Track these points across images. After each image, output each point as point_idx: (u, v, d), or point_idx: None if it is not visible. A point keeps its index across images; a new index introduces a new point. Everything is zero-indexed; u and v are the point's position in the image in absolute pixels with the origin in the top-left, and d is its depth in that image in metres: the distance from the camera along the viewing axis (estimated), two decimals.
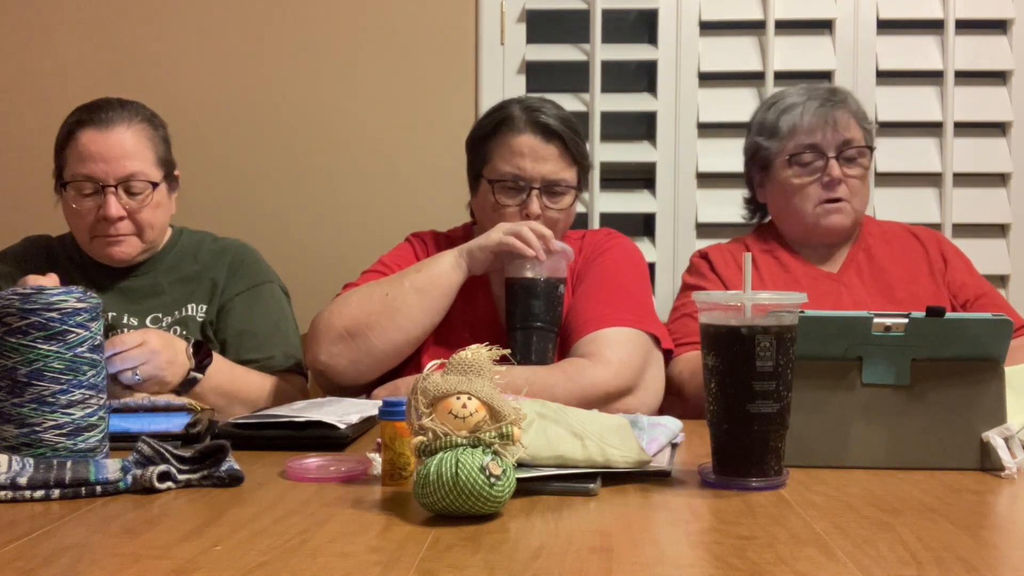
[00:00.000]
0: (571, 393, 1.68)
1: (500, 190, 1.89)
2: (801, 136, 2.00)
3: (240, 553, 0.94)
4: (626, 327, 1.82)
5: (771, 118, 2.04)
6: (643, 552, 0.95)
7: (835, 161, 1.98)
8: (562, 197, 1.90)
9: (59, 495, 1.15)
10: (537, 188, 1.87)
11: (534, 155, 1.87)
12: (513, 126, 1.89)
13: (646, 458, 1.25)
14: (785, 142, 2.01)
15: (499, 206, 1.89)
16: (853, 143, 2.00)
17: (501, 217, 1.89)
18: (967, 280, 2.03)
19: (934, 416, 1.31)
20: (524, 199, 1.88)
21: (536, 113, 1.90)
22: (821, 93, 2.04)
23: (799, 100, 2.03)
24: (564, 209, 1.91)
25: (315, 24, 2.56)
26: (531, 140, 1.87)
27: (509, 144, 1.88)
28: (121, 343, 1.67)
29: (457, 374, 1.09)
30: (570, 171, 1.91)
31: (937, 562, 0.92)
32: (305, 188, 2.56)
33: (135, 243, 1.93)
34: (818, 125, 1.99)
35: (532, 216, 1.87)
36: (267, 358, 1.94)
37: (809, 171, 2.00)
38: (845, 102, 2.03)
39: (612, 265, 1.94)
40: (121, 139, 1.88)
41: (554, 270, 1.80)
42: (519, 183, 1.88)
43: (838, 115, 2.00)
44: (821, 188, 1.99)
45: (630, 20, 2.64)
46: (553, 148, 1.88)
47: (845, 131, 2.00)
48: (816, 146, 1.99)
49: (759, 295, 1.22)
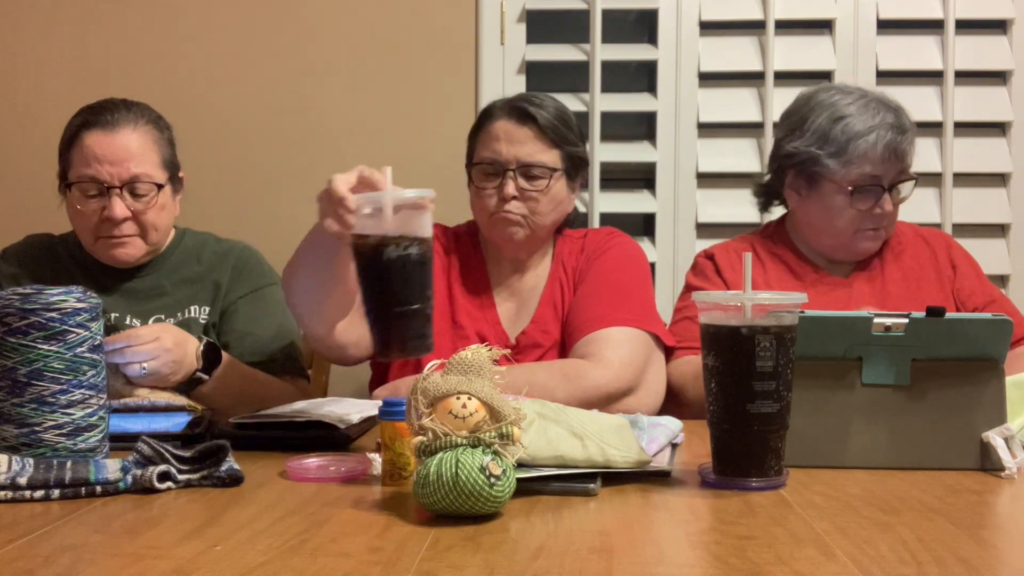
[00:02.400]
0: (572, 396, 1.66)
1: (477, 174, 1.91)
2: (867, 166, 1.90)
3: (240, 553, 0.94)
4: (627, 326, 1.82)
5: (838, 136, 1.91)
6: (643, 552, 0.96)
7: (888, 195, 1.92)
8: (540, 180, 1.88)
9: (59, 495, 1.15)
10: (512, 170, 1.87)
11: (508, 138, 1.87)
12: (491, 114, 1.91)
13: (646, 458, 1.25)
14: (851, 168, 1.90)
15: (478, 190, 1.90)
16: (905, 173, 1.94)
17: (481, 201, 1.90)
18: (976, 287, 2.00)
19: (934, 416, 1.31)
20: (501, 181, 1.88)
21: (515, 101, 1.92)
22: (890, 119, 1.91)
23: (870, 124, 1.90)
24: (541, 191, 1.88)
25: (316, 26, 2.56)
26: (505, 124, 1.89)
27: (487, 131, 1.90)
28: (136, 336, 1.67)
29: (457, 374, 1.09)
30: (548, 154, 1.89)
31: (937, 562, 0.92)
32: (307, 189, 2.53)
33: (139, 244, 1.93)
34: (887, 158, 1.90)
35: (507, 197, 1.86)
36: (270, 360, 1.93)
37: (864, 201, 1.92)
38: (909, 131, 1.94)
39: (613, 264, 1.94)
40: (127, 141, 1.88)
41: (407, 226, 1.36)
42: (496, 166, 1.88)
43: (906, 148, 1.93)
44: (868, 218, 1.93)
45: (630, 20, 2.64)
46: (527, 130, 1.87)
47: (903, 162, 1.93)
48: (879, 178, 1.91)
49: (759, 295, 1.22)
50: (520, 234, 1.89)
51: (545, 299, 1.94)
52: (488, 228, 1.92)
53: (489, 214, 1.89)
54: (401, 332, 1.34)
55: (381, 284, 1.34)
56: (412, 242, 1.34)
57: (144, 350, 1.66)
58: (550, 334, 1.90)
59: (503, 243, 1.92)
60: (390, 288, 1.33)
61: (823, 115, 1.94)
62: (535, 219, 1.88)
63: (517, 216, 1.87)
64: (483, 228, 1.95)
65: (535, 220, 1.88)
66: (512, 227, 1.88)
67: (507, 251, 1.95)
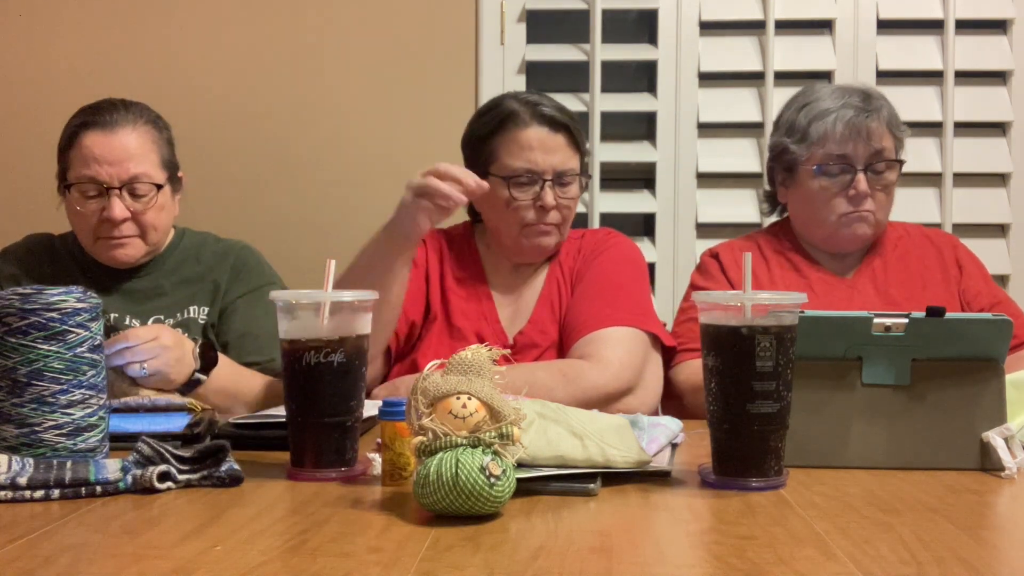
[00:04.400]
0: (571, 396, 1.67)
1: (514, 185, 1.88)
2: (831, 146, 1.92)
3: (240, 553, 0.94)
4: (625, 326, 1.82)
5: (801, 121, 1.96)
6: (643, 552, 0.95)
7: (863, 175, 1.92)
8: (571, 186, 1.90)
9: (59, 495, 1.15)
10: (549, 179, 1.87)
11: (543, 147, 1.86)
12: (519, 120, 1.88)
13: (646, 458, 1.25)
14: (814, 149, 1.93)
15: (513, 200, 1.88)
16: (884, 154, 1.94)
17: (515, 212, 1.88)
18: (982, 288, 2.00)
19: (934, 416, 1.31)
20: (537, 191, 1.87)
21: (538, 107, 1.89)
22: (855, 101, 1.94)
23: (832, 106, 1.93)
24: (574, 198, 1.91)
25: (316, 26, 2.56)
26: (539, 132, 1.87)
27: (517, 139, 1.87)
28: (135, 336, 1.67)
29: (457, 374, 1.09)
30: (575, 159, 1.91)
31: (937, 562, 0.92)
32: (306, 189, 2.57)
33: (139, 245, 1.93)
34: (850, 136, 1.91)
35: (547, 207, 1.86)
36: (269, 360, 1.93)
37: (836, 183, 1.93)
38: (879, 111, 1.94)
39: (610, 265, 1.94)
40: (126, 141, 1.88)
41: (341, 330, 1.26)
42: (531, 176, 1.87)
43: (872, 126, 1.92)
44: (846, 201, 1.93)
45: (630, 20, 2.64)
46: (560, 138, 1.88)
47: (877, 142, 1.92)
48: (845, 157, 1.92)
49: (759, 295, 1.22)
50: (554, 242, 1.91)
51: (543, 299, 1.94)
52: (521, 238, 1.90)
53: (524, 225, 1.88)
54: (317, 444, 1.26)
55: (307, 391, 1.25)
56: (343, 347, 1.25)
57: (143, 349, 1.66)
58: (547, 334, 1.90)
59: (535, 253, 1.93)
60: (317, 396, 1.25)
61: (794, 106, 2.01)
62: (565, 226, 1.91)
63: (551, 227, 1.89)
64: (510, 237, 1.92)
65: (563, 226, 1.91)
66: (547, 237, 1.89)
67: (533, 258, 1.95)
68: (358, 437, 1.30)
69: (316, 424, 1.25)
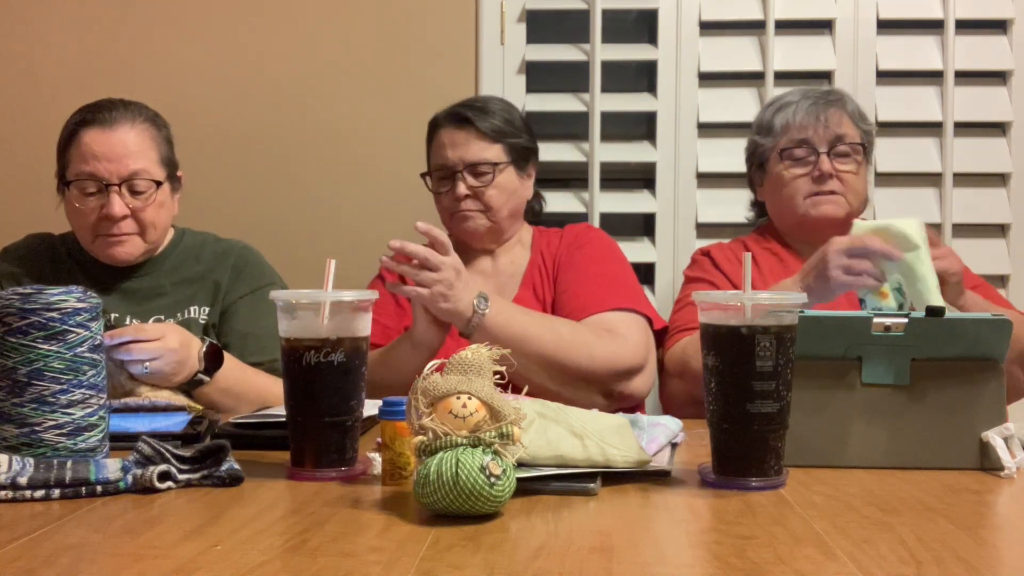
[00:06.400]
0: (601, 356, 1.82)
1: (433, 181, 2.08)
2: (793, 132, 2.05)
3: (240, 553, 0.94)
4: (626, 310, 1.94)
5: (767, 117, 2.10)
6: (643, 552, 0.96)
7: (826, 156, 2.02)
8: (487, 175, 2.01)
9: (59, 495, 1.15)
10: (460, 171, 2.01)
11: (452, 143, 2.02)
12: (437, 125, 2.08)
13: (646, 458, 1.25)
14: (778, 138, 2.06)
15: (436, 195, 2.07)
16: (845, 139, 2.04)
17: (440, 204, 2.07)
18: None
19: (934, 416, 1.31)
20: (453, 183, 2.02)
21: (454, 108, 2.06)
22: (816, 92, 2.09)
23: (794, 99, 2.08)
24: (489, 184, 2.01)
25: (316, 25, 2.56)
26: (448, 130, 2.04)
27: (436, 141, 2.07)
28: (142, 332, 1.67)
29: (457, 374, 1.09)
30: (491, 150, 2.02)
31: (937, 562, 0.92)
32: (306, 189, 2.56)
33: (138, 243, 1.93)
34: (810, 122, 2.03)
35: (460, 196, 2.00)
36: (270, 360, 1.93)
37: (800, 165, 2.04)
38: (840, 101, 2.08)
39: (598, 253, 2.06)
40: (125, 138, 1.88)
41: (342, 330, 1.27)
42: (445, 170, 2.03)
43: (831, 112, 2.04)
44: (811, 182, 2.03)
45: (630, 20, 2.63)
46: (466, 133, 2.02)
47: (837, 127, 2.03)
48: (807, 141, 2.03)
49: (759, 295, 1.22)
50: (481, 226, 2.04)
51: (525, 282, 2.06)
52: (452, 226, 2.07)
53: (450, 214, 2.06)
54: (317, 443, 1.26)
55: (307, 391, 1.26)
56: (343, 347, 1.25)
57: (148, 349, 1.66)
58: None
59: (468, 237, 2.07)
60: (317, 396, 1.25)
61: (762, 110, 2.17)
62: (491, 210, 2.02)
63: (473, 212, 2.02)
64: (448, 227, 2.08)
65: (491, 211, 2.03)
66: (470, 222, 2.03)
67: (475, 243, 2.08)
68: (358, 437, 1.30)
69: (316, 424, 1.26)
